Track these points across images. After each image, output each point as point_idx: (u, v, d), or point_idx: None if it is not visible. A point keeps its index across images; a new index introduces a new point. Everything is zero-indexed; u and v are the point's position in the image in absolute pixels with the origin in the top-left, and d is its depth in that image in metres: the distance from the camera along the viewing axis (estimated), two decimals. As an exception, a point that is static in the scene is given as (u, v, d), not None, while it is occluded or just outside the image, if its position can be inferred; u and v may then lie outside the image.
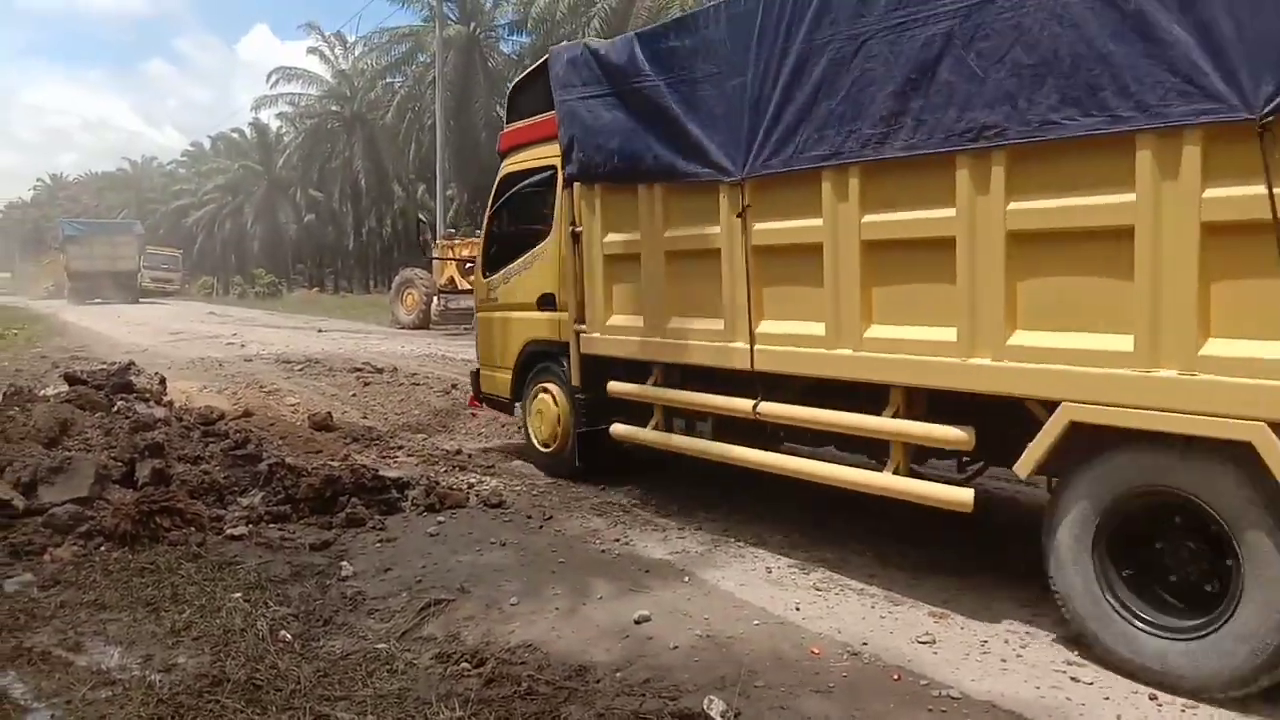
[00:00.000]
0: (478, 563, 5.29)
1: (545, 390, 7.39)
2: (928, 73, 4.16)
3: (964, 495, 4.33)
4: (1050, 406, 3.89)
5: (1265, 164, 3.19)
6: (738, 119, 5.10)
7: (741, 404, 5.46)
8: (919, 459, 4.76)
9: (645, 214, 5.94)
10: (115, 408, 8.33)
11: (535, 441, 7.60)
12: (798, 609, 4.52)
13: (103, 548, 5.26)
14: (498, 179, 7.90)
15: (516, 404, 7.91)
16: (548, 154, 6.96)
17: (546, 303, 7.18)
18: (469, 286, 11.04)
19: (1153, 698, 3.55)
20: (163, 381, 10.67)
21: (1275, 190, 3.18)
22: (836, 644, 4.08)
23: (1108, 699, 3.54)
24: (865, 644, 4.07)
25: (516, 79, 7.86)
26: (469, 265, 11.81)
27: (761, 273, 5.20)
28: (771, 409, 5.27)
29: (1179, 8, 3.38)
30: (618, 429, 6.54)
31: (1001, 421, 4.20)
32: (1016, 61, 3.84)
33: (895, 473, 4.68)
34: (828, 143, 4.65)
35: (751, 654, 3.95)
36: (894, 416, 4.63)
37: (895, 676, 3.75)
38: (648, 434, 6.34)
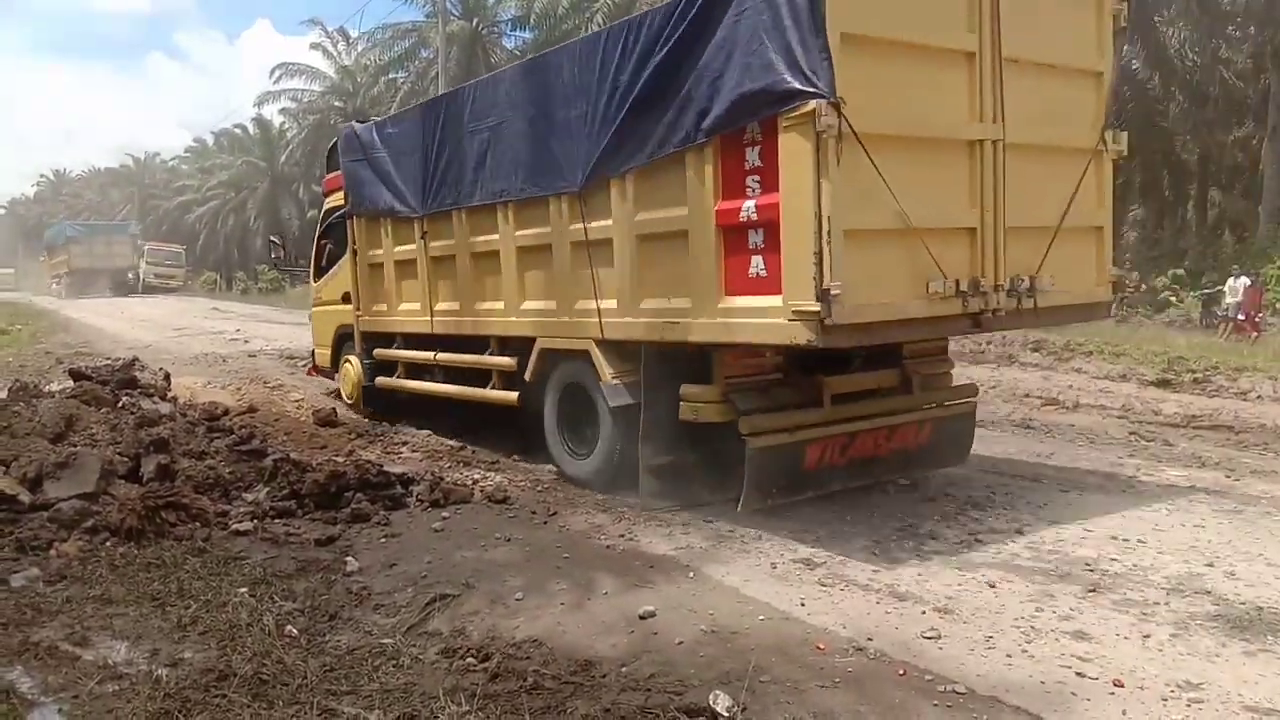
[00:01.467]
0: (483, 558, 5.30)
1: (348, 361, 10.45)
2: (483, 158, 7.42)
3: (511, 396, 7.60)
4: (534, 342, 7.11)
5: (582, 213, 6.45)
6: (420, 177, 8.28)
7: (428, 355, 8.72)
8: (509, 383, 7.65)
9: (384, 236, 9.16)
10: (120, 403, 8.36)
11: (344, 395, 10.64)
12: (803, 604, 4.52)
13: (108, 543, 5.28)
14: (323, 211, 11.09)
15: (336, 372, 10.91)
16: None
17: (346, 298, 10.16)
18: None
19: (1160, 694, 3.54)
20: (167, 377, 10.72)
21: (587, 225, 6.40)
22: (842, 639, 4.08)
23: (1112, 694, 3.53)
24: (870, 639, 4.07)
25: (331, 143, 10.65)
26: None
27: (434, 272, 8.43)
28: (443, 356, 8.52)
29: (558, 136, 6.53)
30: (379, 380, 9.62)
31: (526, 354, 7.25)
32: (511, 157, 7.13)
33: (491, 388, 7.85)
34: (452, 195, 7.89)
35: (757, 649, 3.95)
36: (490, 354, 7.84)
37: (901, 671, 3.75)
38: (391, 381, 9.43)
